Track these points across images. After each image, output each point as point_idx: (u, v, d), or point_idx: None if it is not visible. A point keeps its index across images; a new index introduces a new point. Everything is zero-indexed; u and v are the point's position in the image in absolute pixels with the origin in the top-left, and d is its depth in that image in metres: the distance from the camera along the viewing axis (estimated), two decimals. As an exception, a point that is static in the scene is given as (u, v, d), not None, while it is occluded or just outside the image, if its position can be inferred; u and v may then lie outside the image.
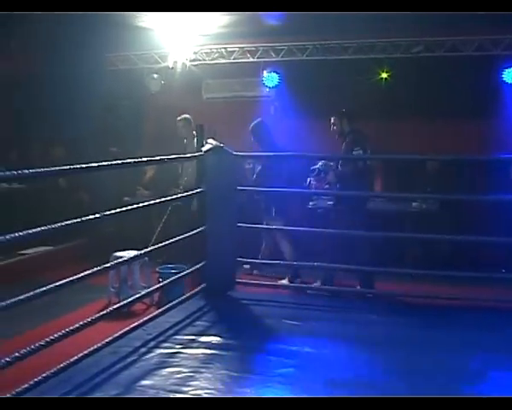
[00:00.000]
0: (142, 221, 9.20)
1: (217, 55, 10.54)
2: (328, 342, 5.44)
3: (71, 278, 4.86)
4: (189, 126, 8.91)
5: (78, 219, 4.93)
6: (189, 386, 4.52)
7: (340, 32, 9.54)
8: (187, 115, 9.08)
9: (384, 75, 9.91)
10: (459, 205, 8.53)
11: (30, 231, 4.24)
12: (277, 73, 10.39)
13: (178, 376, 4.73)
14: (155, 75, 10.86)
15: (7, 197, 9.32)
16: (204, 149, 7.11)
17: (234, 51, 10.42)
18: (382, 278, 7.23)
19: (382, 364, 4.92)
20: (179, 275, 7.00)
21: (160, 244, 6.74)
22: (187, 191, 7.42)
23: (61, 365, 4.59)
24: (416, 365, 4.90)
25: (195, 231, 6.93)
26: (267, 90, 10.64)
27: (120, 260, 6.69)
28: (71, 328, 4.79)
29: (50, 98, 10.09)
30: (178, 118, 9.10)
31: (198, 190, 6.99)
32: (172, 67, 10.67)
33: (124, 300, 6.22)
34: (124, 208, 5.56)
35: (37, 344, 4.27)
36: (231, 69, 10.68)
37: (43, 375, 4.34)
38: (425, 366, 4.86)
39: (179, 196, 7.63)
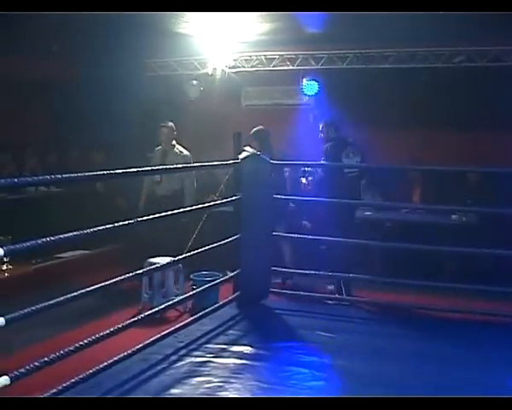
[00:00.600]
0: (178, 228, 9.17)
1: (256, 62, 10.49)
2: (360, 355, 5.36)
3: (104, 283, 4.87)
4: (171, 135, 8.91)
5: (114, 224, 4.94)
6: (218, 396, 4.48)
7: (380, 41, 9.42)
8: (171, 123, 9.02)
9: (424, 85, 9.76)
10: (499, 218, 8.36)
11: (66, 235, 4.25)
12: (317, 81, 10.31)
13: (208, 385, 4.70)
14: (194, 82, 10.86)
15: (45, 201, 9.40)
16: (241, 156, 7.08)
17: (273, 59, 10.37)
18: (417, 292, 7.09)
19: (414, 379, 4.82)
20: (213, 283, 6.97)
21: (195, 252, 6.74)
22: (223, 199, 7.39)
23: (91, 370, 4.58)
24: (449, 381, 4.80)
25: (230, 239, 6.91)
26: (306, 98, 10.56)
27: (154, 266, 6.69)
28: (101, 334, 4.79)
29: (90, 103, 10.15)
30: (163, 124, 9.01)
31: (234, 198, 6.96)
32: (212, 74, 10.65)
33: (157, 306, 6.20)
34: (158, 215, 5.54)
35: (66, 350, 4.27)
36: (271, 77, 10.62)
37: (72, 380, 4.33)
38: (458, 383, 4.75)
39: (213, 203, 7.60)
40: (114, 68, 10.29)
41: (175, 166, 7.27)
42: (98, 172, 5.10)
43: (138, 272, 5.67)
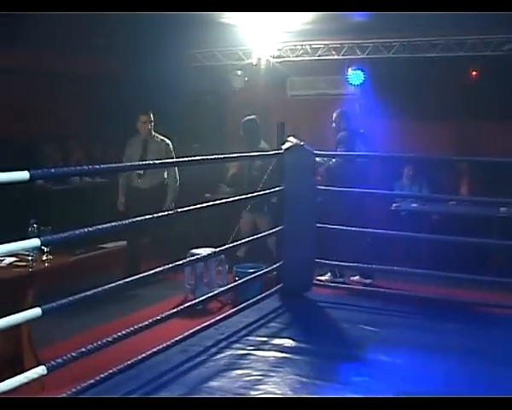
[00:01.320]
0: (222, 219, 9.14)
1: (301, 51, 10.39)
2: (404, 350, 5.23)
3: (147, 273, 4.86)
4: (150, 123, 8.56)
5: (157, 215, 4.93)
6: (256, 390, 4.42)
7: (427, 29, 9.22)
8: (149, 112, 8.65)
9: (473, 73, 9.54)
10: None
11: (104, 226, 4.24)
12: (363, 70, 10.16)
13: (247, 379, 4.64)
14: (239, 72, 10.81)
15: (89, 191, 9.46)
16: (284, 147, 7.00)
17: (318, 48, 10.25)
18: (463, 286, 6.91)
19: (460, 376, 4.69)
20: (255, 274, 6.91)
21: (237, 243, 6.70)
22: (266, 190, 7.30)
23: (130, 361, 4.57)
24: (496, 378, 4.64)
25: (273, 231, 6.84)
26: (352, 88, 10.42)
27: (196, 256, 6.66)
28: (142, 324, 4.77)
29: (134, 95, 10.16)
30: (141, 112, 8.60)
31: (277, 189, 6.88)
32: (256, 64, 10.59)
33: (199, 297, 6.18)
34: (199, 205, 5.50)
35: (104, 340, 4.25)
36: (316, 66, 10.51)
37: (109, 371, 4.31)
38: (509, 382, 4.59)
39: (257, 194, 7.51)
40: (159, 60, 10.31)
41: (214, 156, 6.87)
42: (142, 163, 5.12)
43: (180, 262, 5.64)
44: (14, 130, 9.38)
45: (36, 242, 3.63)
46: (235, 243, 6.68)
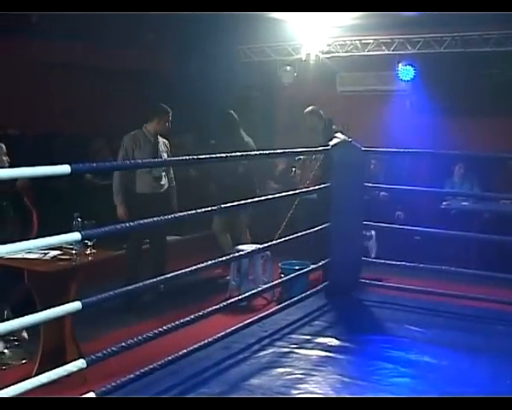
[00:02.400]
0: (269, 215, 9.10)
1: (351, 47, 10.29)
2: (449, 352, 5.11)
3: (192, 268, 4.83)
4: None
5: (204, 210, 4.90)
6: (297, 389, 4.36)
7: (480, 23, 9.01)
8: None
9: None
10: None
11: (146, 221, 4.24)
12: (413, 66, 10.01)
13: (288, 377, 4.59)
14: (288, 67, 10.75)
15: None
16: (331, 143, 6.92)
17: (368, 43, 10.13)
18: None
19: (508, 381, 4.55)
20: (301, 272, 6.85)
21: (282, 239, 6.63)
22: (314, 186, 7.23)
23: (171, 357, 4.55)
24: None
25: (320, 228, 6.76)
26: (402, 84, 10.27)
27: (242, 252, 6.62)
28: (185, 319, 4.76)
29: (183, 90, 10.20)
30: (164, 112, 7.64)
31: (323, 186, 6.81)
32: (305, 60, 10.51)
33: (244, 293, 6.14)
34: (243, 201, 5.47)
35: (145, 335, 4.25)
36: (365, 62, 10.39)
37: (150, 366, 4.31)
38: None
39: (304, 190, 7.45)
40: (208, 56, 10.32)
41: (261, 152, 6.35)
42: (188, 157, 5.10)
43: (222, 258, 5.63)
44: (64, 125, 9.48)
45: (76, 236, 3.64)
46: (281, 240, 6.61)
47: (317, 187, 7.01)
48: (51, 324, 4.45)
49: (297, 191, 7.37)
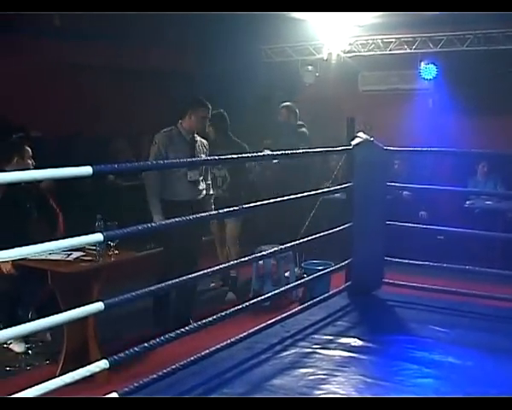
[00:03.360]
0: (292, 215, 9.09)
1: (372, 46, 10.26)
2: (474, 352, 5.05)
3: (212, 269, 4.84)
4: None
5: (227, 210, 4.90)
6: (320, 389, 4.34)
7: (503, 20, 8.93)
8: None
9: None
10: None
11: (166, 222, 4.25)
12: (436, 64, 9.94)
13: (311, 378, 4.56)
14: (310, 67, 10.75)
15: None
16: (353, 142, 6.89)
17: (390, 42, 10.10)
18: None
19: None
20: (324, 271, 6.82)
21: (304, 239, 6.61)
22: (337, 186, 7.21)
23: (193, 357, 4.56)
24: None
25: (342, 227, 6.73)
26: (425, 82, 10.21)
27: (264, 252, 6.61)
28: (208, 320, 4.77)
29: (206, 90, 10.19)
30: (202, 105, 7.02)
31: (346, 185, 6.78)
32: (327, 59, 10.50)
33: (266, 293, 6.13)
34: (265, 201, 5.46)
35: (167, 335, 4.25)
36: (387, 61, 10.36)
37: (172, 367, 4.31)
38: None
39: (326, 190, 7.43)
40: (230, 55, 10.33)
41: (284, 152, 6.10)
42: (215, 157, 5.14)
43: (244, 258, 5.62)
44: (87, 127, 9.54)
45: (99, 237, 3.65)
46: (303, 240, 6.60)
47: (338, 187, 6.99)
48: (74, 324, 4.49)
49: (319, 191, 7.35)
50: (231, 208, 4.90)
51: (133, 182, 9.04)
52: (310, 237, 6.40)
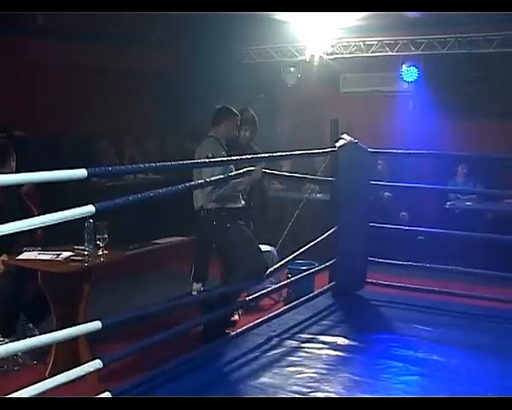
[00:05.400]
0: (275, 215, 9.14)
1: (354, 48, 10.31)
2: (458, 350, 5.17)
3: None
4: None
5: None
6: (309, 388, 4.42)
7: (483, 24, 9.04)
8: None
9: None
10: None
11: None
12: (417, 67, 10.03)
13: (299, 376, 4.65)
14: (292, 68, 10.77)
15: (143, 188, 9.51)
16: (338, 144, 6.97)
17: (372, 45, 10.16)
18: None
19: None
20: (308, 272, 6.89)
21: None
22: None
23: (180, 358, 4.61)
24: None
25: (328, 233, 6.78)
26: (406, 85, 10.29)
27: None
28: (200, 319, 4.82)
29: (188, 91, 10.26)
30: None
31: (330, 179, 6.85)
32: (309, 61, 10.54)
33: (252, 294, 6.18)
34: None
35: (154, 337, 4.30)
36: (369, 63, 10.42)
37: (164, 366, 4.36)
38: None
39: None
40: (213, 56, 10.34)
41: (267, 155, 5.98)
42: (193, 161, 5.20)
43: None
44: (70, 127, 9.51)
45: (90, 209, 3.71)
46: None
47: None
48: (65, 324, 4.49)
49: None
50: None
51: (116, 182, 9.05)
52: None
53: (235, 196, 5.69)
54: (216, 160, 5.31)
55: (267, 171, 5.96)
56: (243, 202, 5.79)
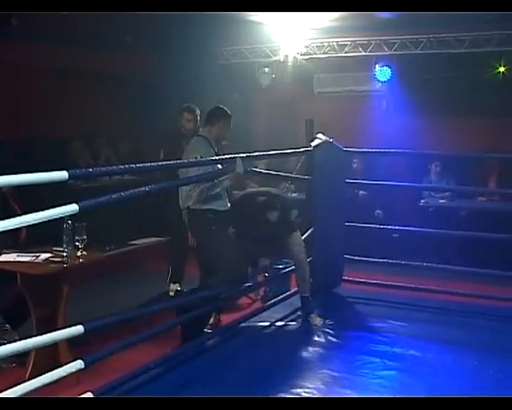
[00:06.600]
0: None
1: (328, 48, 10.38)
2: (434, 345, 5.26)
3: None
4: None
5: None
6: (288, 385, 4.47)
7: (455, 25, 9.16)
8: None
9: (502, 69, 9.47)
10: None
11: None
12: (390, 67, 10.12)
13: (279, 373, 4.69)
14: (266, 69, 10.82)
15: (119, 189, 9.50)
16: (313, 144, 7.03)
17: (345, 45, 10.23)
18: (494, 282, 6.90)
19: (491, 372, 4.69)
20: (285, 271, 6.93)
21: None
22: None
23: (159, 357, 4.64)
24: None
25: (308, 234, 6.82)
26: (379, 84, 10.39)
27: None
28: (176, 320, 4.85)
29: (162, 92, 10.25)
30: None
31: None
32: (283, 61, 10.59)
33: (229, 293, 6.21)
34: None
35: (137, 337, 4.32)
36: (342, 63, 10.49)
37: (145, 366, 4.38)
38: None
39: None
40: (186, 58, 10.34)
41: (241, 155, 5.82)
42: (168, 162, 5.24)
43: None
44: (43, 129, 9.47)
45: (74, 207, 3.75)
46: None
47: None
48: (44, 326, 4.50)
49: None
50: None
51: (92, 183, 9.03)
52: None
53: (222, 197, 5.67)
54: (192, 161, 5.35)
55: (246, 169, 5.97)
56: (229, 205, 5.77)
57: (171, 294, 6.06)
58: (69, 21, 8.49)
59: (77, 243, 4.90)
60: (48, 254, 4.91)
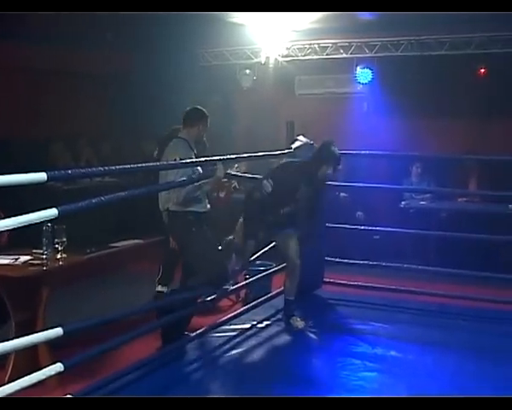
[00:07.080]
0: (231, 218, 9.16)
1: (309, 50, 10.41)
2: (414, 346, 5.28)
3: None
4: None
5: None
6: (270, 388, 4.45)
7: (435, 27, 9.23)
8: None
9: (481, 71, 9.54)
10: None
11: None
12: (371, 69, 10.16)
13: (260, 375, 4.69)
14: (247, 71, 10.82)
15: (100, 191, 9.44)
16: (294, 145, 7.03)
17: (327, 47, 10.26)
18: (473, 283, 6.95)
19: (470, 373, 4.72)
20: (266, 272, 6.94)
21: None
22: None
23: (142, 360, 4.62)
24: (507, 375, 4.68)
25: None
26: (360, 86, 10.43)
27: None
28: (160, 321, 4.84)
29: (142, 93, 10.22)
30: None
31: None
32: (265, 63, 10.61)
33: (209, 295, 6.21)
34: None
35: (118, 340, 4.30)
36: (324, 65, 10.52)
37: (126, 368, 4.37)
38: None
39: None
40: (167, 59, 10.32)
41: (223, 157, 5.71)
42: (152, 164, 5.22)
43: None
44: (20, 129, 9.40)
45: (53, 211, 3.65)
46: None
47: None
48: (24, 329, 4.48)
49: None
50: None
51: (72, 185, 8.99)
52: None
53: (201, 199, 5.63)
54: (172, 163, 5.34)
55: (228, 172, 5.98)
56: (208, 206, 5.74)
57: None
58: (48, 20, 8.45)
59: (57, 246, 4.88)
60: (27, 257, 4.89)
